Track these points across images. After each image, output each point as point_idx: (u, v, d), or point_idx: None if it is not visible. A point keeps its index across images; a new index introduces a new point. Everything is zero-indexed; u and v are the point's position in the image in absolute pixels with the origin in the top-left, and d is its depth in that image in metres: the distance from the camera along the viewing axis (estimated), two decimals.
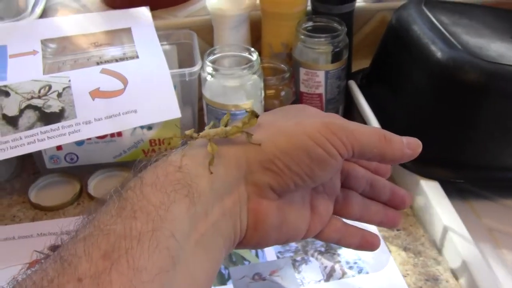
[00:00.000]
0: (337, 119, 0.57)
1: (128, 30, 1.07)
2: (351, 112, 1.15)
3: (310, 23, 1.06)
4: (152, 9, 1.13)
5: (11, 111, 0.92)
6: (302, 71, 1.04)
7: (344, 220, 0.65)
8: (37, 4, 1.18)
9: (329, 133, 0.53)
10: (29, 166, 1.06)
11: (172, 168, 0.50)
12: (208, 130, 0.51)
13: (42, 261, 0.46)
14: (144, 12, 1.11)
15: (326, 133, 0.53)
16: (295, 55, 1.05)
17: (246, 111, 0.55)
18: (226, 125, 0.55)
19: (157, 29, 1.08)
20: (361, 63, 1.18)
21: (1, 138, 0.90)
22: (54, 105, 0.91)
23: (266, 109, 1.01)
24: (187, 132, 0.51)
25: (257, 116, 0.53)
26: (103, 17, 1.11)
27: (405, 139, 0.59)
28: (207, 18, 1.16)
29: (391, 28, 1.08)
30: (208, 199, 0.51)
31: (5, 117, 0.91)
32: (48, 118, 0.91)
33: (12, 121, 0.91)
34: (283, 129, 0.54)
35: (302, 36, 1.03)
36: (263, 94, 0.99)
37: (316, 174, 0.54)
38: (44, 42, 1.04)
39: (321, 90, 1.05)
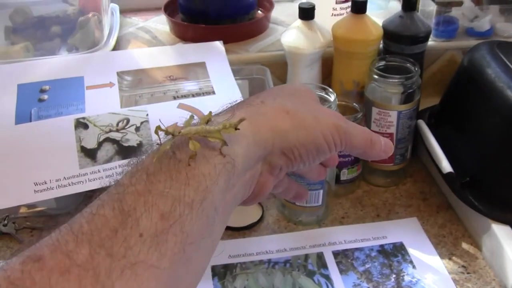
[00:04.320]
0: (343, 122, 0.64)
1: (202, 65, 1.08)
2: (419, 151, 1.15)
3: (383, 63, 1.06)
4: (224, 43, 1.14)
5: (90, 143, 0.93)
6: (375, 110, 1.04)
7: None
8: (111, 35, 1.20)
9: (336, 135, 0.62)
10: None
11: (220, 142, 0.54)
12: (189, 128, 0.53)
13: (98, 202, 0.48)
14: (217, 46, 1.12)
15: (334, 134, 0.61)
16: (367, 94, 1.05)
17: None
18: (207, 122, 0.56)
19: (230, 63, 1.09)
20: (428, 101, 1.17)
21: (80, 170, 0.91)
22: (132, 139, 0.92)
23: None
24: (169, 128, 0.52)
25: (236, 129, 0.55)
26: (177, 50, 1.13)
27: (384, 143, 0.68)
28: (279, 54, 1.17)
29: (462, 69, 1.08)
30: (239, 174, 0.55)
31: (83, 149, 0.93)
32: (126, 151, 0.92)
33: (91, 154, 0.92)
34: (305, 123, 0.60)
35: (376, 76, 1.03)
36: None
37: (314, 161, 0.63)
38: (120, 74, 1.06)
39: (393, 130, 1.05)
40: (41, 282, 0.41)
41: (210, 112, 0.57)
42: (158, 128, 0.52)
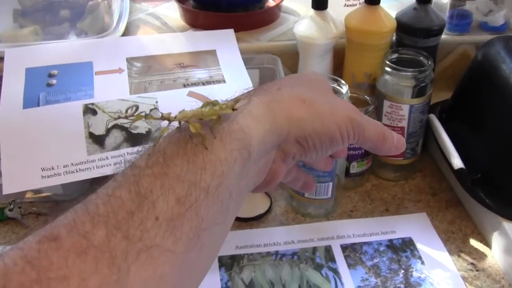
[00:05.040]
0: (358, 115, 0.64)
1: (213, 52, 1.07)
2: (429, 145, 1.14)
3: (396, 55, 1.05)
4: (234, 31, 1.13)
5: (98, 130, 0.92)
6: (386, 103, 1.03)
7: None
8: (120, 21, 1.19)
9: (350, 127, 0.62)
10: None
11: (237, 126, 0.54)
12: (185, 112, 0.52)
13: (114, 183, 0.48)
14: (229, 34, 1.11)
15: (348, 126, 0.61)
16: (379, 87, 1.04)
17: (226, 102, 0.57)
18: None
19: (240, 52, 1.08)
20: (439, 96, 1.16)
21: (87, 157, 0.90)
22: (141, 126, 0.91)
23: None
24: (165, 114, 0.52)
25: (234, 109, 0.54)
26: (188, 37, 1.12)
27: (396, 139, 0.68)
28: (290, 44, 1.16)
29: (476, 64, 1.06)
30: (254, 160, 0.55)
31: (92, 135, 0.92)
32: (135, 139, 0.91)
33: (99, 140, 0.91)
34: (321, 114, 0.60)
35: (388, 69, 1.02)
36: None
37: (327, 152, 0.63)
38: (130, 61, 1.05)
39: (404, 123, 1.04)
40: (58, 262, 0.40)
41: (216, 100, 0.56)
42: (163, 116, 0.52)
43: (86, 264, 0.41)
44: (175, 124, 0.54)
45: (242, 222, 1.00)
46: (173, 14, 1.31)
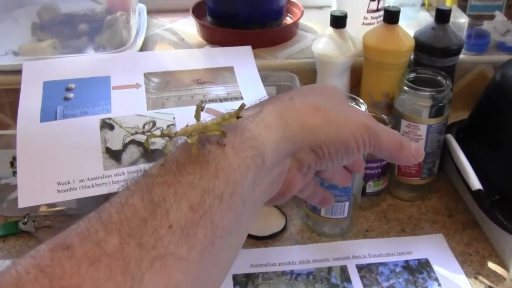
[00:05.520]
0: (372, 123, 0.63)
1: (230, 69, 1.07)
2: (445, 166, 1.13)
3: (414, 75, 1.05)
4: (251, 48, 1.13)
5: (115, 145, 0.92)
6: (404, 123, 1.03)
7: None
8: (138, 36, 1.19)
9: (365, 135, 0.61)
10: None
11: (249, 134, 0.54)
12: (185, 128, 0.52)
13: (127, 192, 0.48)
14: (247, 51, 1.10)
15: (363, 134, 0.61)
16: (397, 106, 1.04)
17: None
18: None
19: (257, 69, 1.07)
20: (456, 115, 1.15)
21: (104, 172, 0.90)
22: (158, 142, 0.91)
23: (368, 159, 1.00)
24: (165, 131, 0.53)
25: (238, 117, 0.54)
26: (205, 53, 1.11)
27: (414, 148, 0.66)
28: (308, 62, 1.16)
29: (494, 85, 1.06)
30: (268, 169, 0.55)
31: (108, 150, 0.91)
32: (152, 155, 0.90)
33: (116, 156, 0.91)
34: (335, 121, 0.60)
35: (406, 88, 1.01)
36: None
37: (343, 161, 0.62)
38: (147, 76, 1.05)
39: (422, 143, 1.03)
40: (71, 271, 0.41)
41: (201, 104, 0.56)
42: (152, 135, 0.53)
43: (100, 272, 0.41)
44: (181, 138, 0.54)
45: (257, 241, 0.99)
46: (190, 30, 1.31)
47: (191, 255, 0.45)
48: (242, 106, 0.55)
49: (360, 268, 0.95)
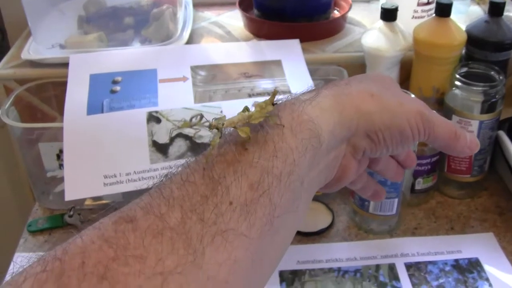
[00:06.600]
0: (426, 110, 0.62)
1: (278, 63, 1.06)
2: (496, 162, 1.11)
3: (465, 69, 1.02)
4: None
5: (162, 138, 0.91)
6: (455, 118, 1.00)
7: None
8: (184, 29, 1.19)
9: (419, 122, 0.60)
10: None
11: (306, 117, 0.54)
12: (231, 118, 0.52)
13: (187, 170, 0.49)
14: (294, 44, 1.09)
15: (418, 121, 0.59)
16: (448, 101, 1.01)
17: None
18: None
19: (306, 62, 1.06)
20: (508, 112, 1.12)
21: (150, 165, 0.89)
22: (205, 136, 0.90)
23: (418, 155, 0.97)
24: (213, 122, 0.52)
25: (273, 104, 0.54)
26: (253, 47, 1.10)
27: (469, 139, 0.65)
28: (356, 55, 1.14)
29: None
30: (323, 151, 0.55)
31: (155, 144, 0.91)
32: (199, 148, 0.90)
33: (162, 149, 0.90)
34: (389, 107, 0.59)
35: (458, 83, 0.99)
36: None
37: (397, 149, 0.61)
38: (194, 69, 1.04)
39: None
40: (135, 243, 0.41)
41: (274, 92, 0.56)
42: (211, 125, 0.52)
43: (163, 245, 0.42)
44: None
45: (304, 237, 0.98)
46: (237, 23, 1.30)
47: (251, 232, 0.46)
48: (275, 92, 0.55)
49: (408, 266, 0.93)
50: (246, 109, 0.54)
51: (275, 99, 0.55)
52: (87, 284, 0.39)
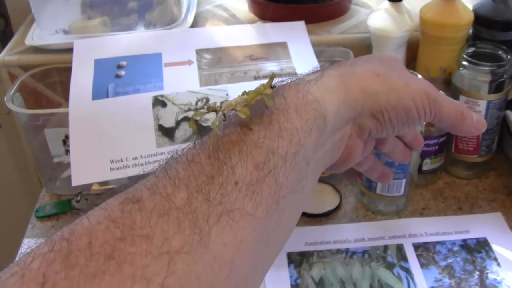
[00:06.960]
0: (433, 90, 0.62)
1: (284, 45, 1.05)
2: (503, 142, 1.10)
3: (473, 49, 1.01)
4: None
5: (168, 122, 0.91)
6: (462, 99, 1.00)
7: None
8: (189, 12, 1.18)
9: (425, 102, 0.59)
10: None
11: (311, 97, 0.54)
12: (229, 101, 0.52)
13: (193, 151, 0.49)
14: (300, 26, 1.08)
15: (424, 101, 0.59)
16: (455, 81, 1.01)
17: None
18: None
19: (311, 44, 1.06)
20: None
21: (157, 149, 0.89)
22: (211, 119, 0.89)
23: (425, 136, 0.97)
24: (211, 104, 0.52)
25: (272, 87, 0.53)
26: (258, 29, 1.10)
27: (476, 119, 0.64)
28: (362, 36, 1.13)
29: None
30: (329, 132, 0.55)
31: (161, 128, 0.91)
32: (205, 132, 0.89)
33: (168, 133, 0.90)
34: (395, 87, 0.59)
35: (465, 63, 0.98)
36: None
37: (403, 129, 0.61)
38: (199, 52, 1.03)
39: None
40: (141, 223, 0.42)
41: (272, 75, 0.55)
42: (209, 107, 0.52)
43: (169, 225, 0.42)
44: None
45: (311, 219, 0.98)
46: (241, 5, 1.30)
47: (257, 212, 0.46)
48: (273, 76, 0.54)
49: (416, 246, 0.93)
50: (245, 93, 0.53)
51: (273, 82, 0.54)
52: (94, 264, 0.39)
